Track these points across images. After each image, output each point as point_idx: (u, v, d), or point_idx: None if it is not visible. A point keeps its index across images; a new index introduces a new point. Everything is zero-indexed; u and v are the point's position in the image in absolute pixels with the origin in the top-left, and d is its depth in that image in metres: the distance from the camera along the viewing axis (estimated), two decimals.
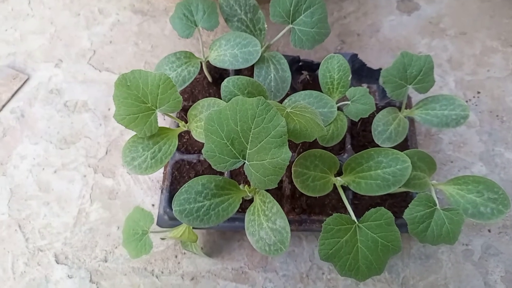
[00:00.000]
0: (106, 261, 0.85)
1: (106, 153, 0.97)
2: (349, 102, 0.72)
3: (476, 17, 1.16)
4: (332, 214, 0.57)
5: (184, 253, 0.85)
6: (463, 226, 0.86)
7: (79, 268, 0.84)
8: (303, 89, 0.86)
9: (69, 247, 0.87)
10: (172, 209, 0.58)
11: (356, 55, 0.92)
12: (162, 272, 0.83)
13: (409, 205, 0.60)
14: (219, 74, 0.91)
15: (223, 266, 0.84)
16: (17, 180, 0.94)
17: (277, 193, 0.77)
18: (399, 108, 0.77)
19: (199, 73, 0.89)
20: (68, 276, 0.84)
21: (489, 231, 0.86)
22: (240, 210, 0.66)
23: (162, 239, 0.84)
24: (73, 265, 0.85)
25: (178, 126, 0.69)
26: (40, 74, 1.08)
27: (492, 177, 0.90)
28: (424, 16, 1.17)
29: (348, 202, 0.64)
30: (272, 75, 0.77)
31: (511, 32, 1.12)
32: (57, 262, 0.85)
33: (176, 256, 0.85)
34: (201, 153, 0.69)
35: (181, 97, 0.61)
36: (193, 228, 0.75)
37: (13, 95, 1.05)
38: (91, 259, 0.85)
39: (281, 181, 0.78)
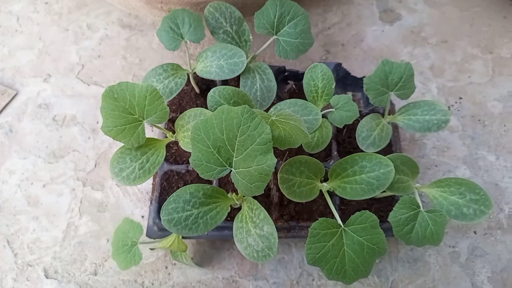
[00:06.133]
0: (96, 275, 0.85)
1: (95, 166, 0.97)
2: (333, 110, 0.74)
3: (457, 26, 1.19)
4: None
5: (174, 263, 0.85)
6: (449, 229, 0.88)
7: (69, 282, 0.84)
8: (289, 98, 0.87)
9: (58, 261, 0.86)
10: (161, 219, 0.59)
11: (340, 64, 0.95)
12: (152, 284, 0.83)
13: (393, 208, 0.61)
14: (206, 85, 0.93)
15: (213, 275, 0.84)
16: (6, 195, 0.94)
17: (265, 200, 0.78)
18: (383, 115, 0.79)
19: (187, 85, 0.90)
20: None
21: (475, 232, 0.88)
22: (229, 219, 0.66)
23: (152, 249, 0.84)
24: (63, 279, 0.84)
25: (166, 137, 0.70)
26: (28, 89, 1.09)
27: (475, 180, 0.92)
28: (406, 25, 1.20)
29: (335, 208, 0.65)
30: (258, 84, 0.79)
31: (490, 40, 1.16)
32: (47, 277, 0.84)
33: (166, 267, 0.85)
34: (190, 163, 0.70)
35: (168, 108, 0.62)
36: (182, 237, 0.75)
37: (1, 111, 1.05)
38: (80, 272, 0.85)
39: (269, 189, 0.79)
